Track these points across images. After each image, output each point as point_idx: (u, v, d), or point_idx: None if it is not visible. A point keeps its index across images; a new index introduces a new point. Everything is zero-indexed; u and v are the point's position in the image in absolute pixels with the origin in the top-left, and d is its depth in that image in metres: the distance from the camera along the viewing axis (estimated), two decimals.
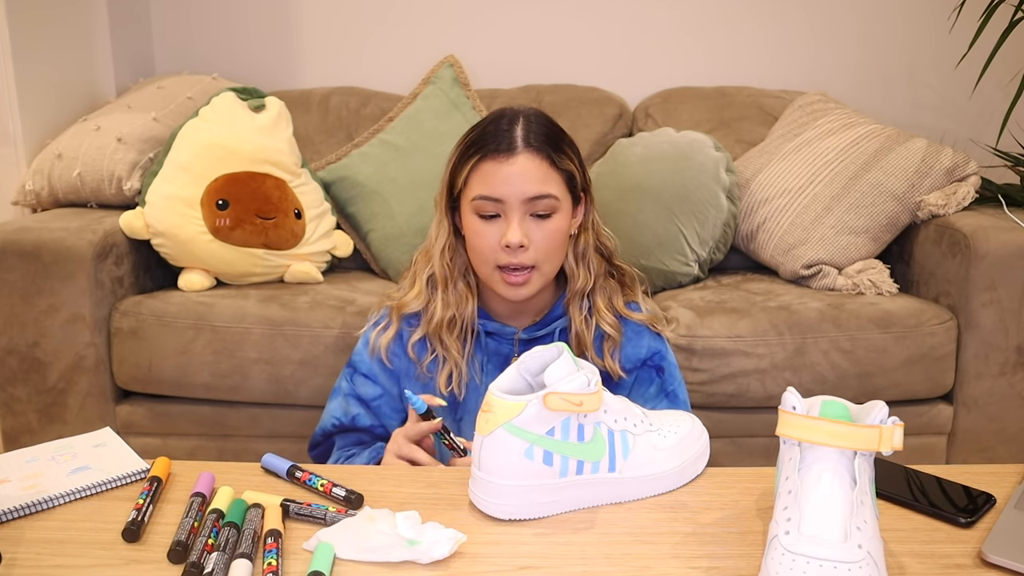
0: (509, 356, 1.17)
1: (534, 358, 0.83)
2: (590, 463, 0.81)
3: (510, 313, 1.17)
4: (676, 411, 0.94)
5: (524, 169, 1.06)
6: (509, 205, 1.07)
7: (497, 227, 1.08)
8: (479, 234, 1.09)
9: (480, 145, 1.09)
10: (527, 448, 0.78)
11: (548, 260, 1.10)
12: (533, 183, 1.06)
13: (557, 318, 1.17)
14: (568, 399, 0.76)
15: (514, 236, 1.05)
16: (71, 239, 1.62)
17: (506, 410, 0.77)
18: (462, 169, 1.10)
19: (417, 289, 1.16)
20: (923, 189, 1.87)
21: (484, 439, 0.79)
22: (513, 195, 1.06)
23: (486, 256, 1.09)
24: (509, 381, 0.82)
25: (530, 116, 1.11)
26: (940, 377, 1.68)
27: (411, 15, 2.38)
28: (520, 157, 1.06)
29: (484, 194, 1.07)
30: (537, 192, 1.06)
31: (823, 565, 0.66)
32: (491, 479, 0.79)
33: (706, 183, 1.91)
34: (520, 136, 1.07)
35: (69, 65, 2.07)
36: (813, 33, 2.39)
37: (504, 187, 1.06)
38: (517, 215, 1.06)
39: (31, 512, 0.81)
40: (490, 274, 1.10)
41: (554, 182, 1.08)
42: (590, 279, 1.15)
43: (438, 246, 1.15)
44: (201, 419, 1.69)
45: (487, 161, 1.07)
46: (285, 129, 1.89)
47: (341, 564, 0.73)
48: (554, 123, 1.13)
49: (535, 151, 1.07)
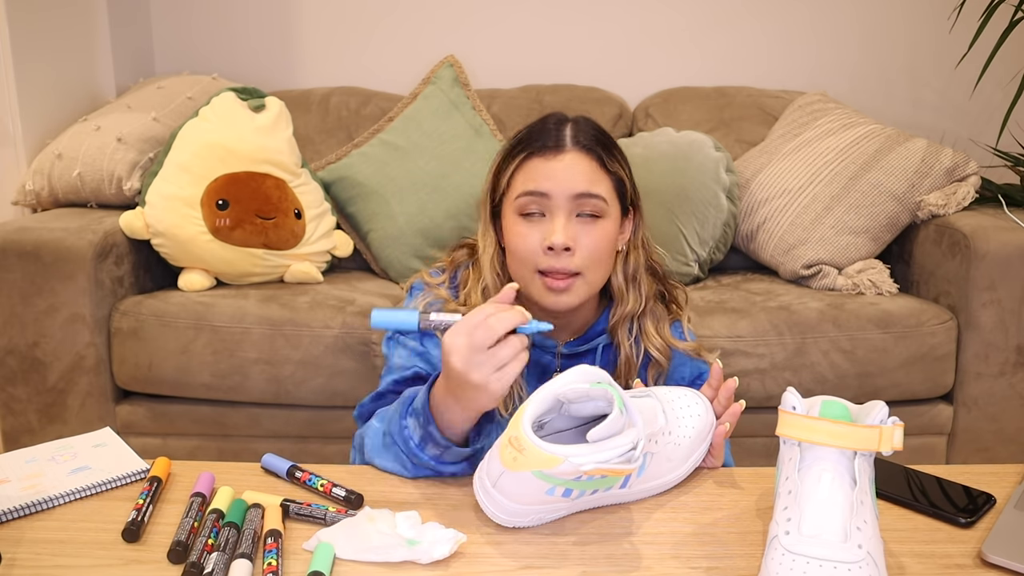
0: (549, 367, 1.11)
1: (576, 391, 0.78)
2: (604, 488, 0.80)
3: None
4: (689, 395, 0.92)
5: (572, 164, 1.00)
6: (555, 202, 0.99)
7: (540, 228, 1.00)
8: (520, 235, 1.01)
9: (527, 143, 1.03)
10: (551, 488, 0.76)
11: (594, 268, 1.01)
12: (581, 180, 1.00)
13: (600, 333, 1.10)
14: (608, 472, 0.73)
15: (559, 236, 0.97)
16: (71, 239, 1.62)
17: (539, 459, 0.73)
18: (506, 169, 1.04)
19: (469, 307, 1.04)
20: (923, 189, 1.87)
21: (507, 471, 0.76)
22: (559, 191, 0.99)
23: (526, 259, 1.01)
24: (542, 404, 0.78)
25: (579, 119, 1.06)
26: (940, 377, 1.68)
27: (411, 15, 2.38)
28: (569, 154, 1.01)
29: (528, 189, 1.00)
30: (585, 189, 0.99)
31: (823, 565, 0.66)
32: (506, 503, 0.78)
33: (706, 183, 1.91)
34: (569, 135, 1.02)
35: (69, 65, 2.07)
36: (813, 33, 2.39)
37: (550, 182, 0.99)
38: (563, 214, 0.99)
39: (31, 512, 0.81)
40: (530, 280, 1.02)
41: (603, 184, 1.01)
42: (640, 302, 1.08)
43: (486, 257, 1.07)
44: (201, 419, 1.69)
45: (534, 158, 1.01)
46: (285, 129, 1.89)
47: (341, 564, 0.73)
48: (604, 129, 1.08)
49: (585, 149, 1.01)
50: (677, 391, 0.93)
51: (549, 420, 0.83)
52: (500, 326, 0.79)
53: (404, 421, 0.87)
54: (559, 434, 0.85)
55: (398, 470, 0.90)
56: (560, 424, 0.85)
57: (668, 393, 0.92)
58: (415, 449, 0.86)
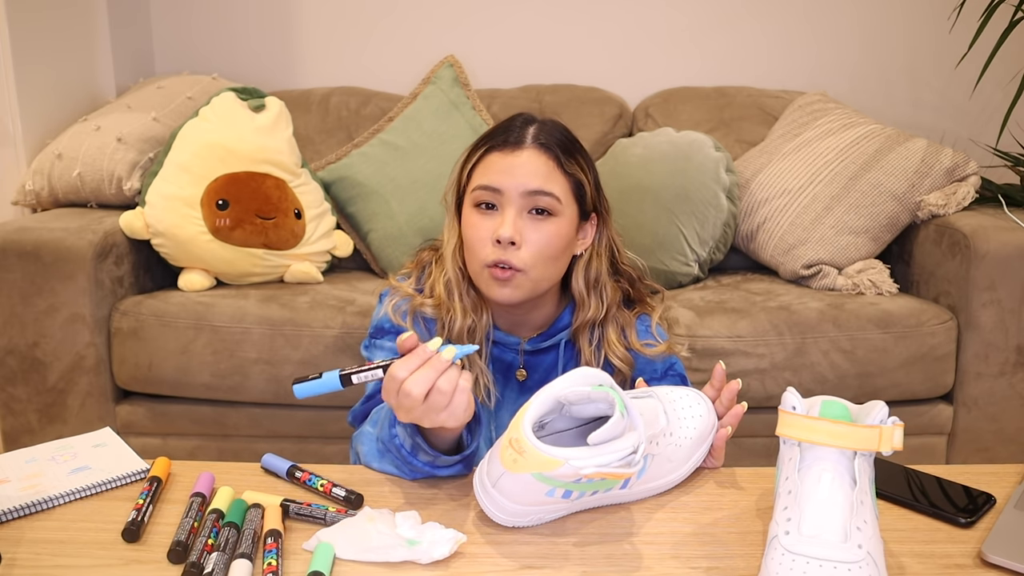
0: (512, 364, 1.13)
1: (578, 394, 0.78)
2: (603, 489, 0.80)
3: (511, 325, 1.13)
4: (691, 396, 0.93)
5: (528, 161, 1.02)
6: (507, 197, 1.02)
7: (492, 221, 1.02)
8: (474, 226, 1.04)
9: (490, 138, 1.06)
10: (551, 490, 0.76)
11: (540, 265, 1.03)
12: (535, 177, 1.02)
13: (562, 329, 1.12)
14: (608, 475, 0.73)
15: (506, 230, 1.00)
16: (71, 239, 1.62)
17: (540, 462, 0.73)
18: (468, 163, 1.08)
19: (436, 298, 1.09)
20: (923, 189, 1.87)
21: (507, 472, 0.76)
22: (512, 185, 1.01)
23: (477, 250, 1.03)
24: (543, 406, 0.77)
25: (548, 121, 1.08)
26: (940, 377, 1.68)
27: (411, 15, 2.38)
28: (526, 151, 1.03)
29: (483, 183, 1.03)
30: (538, 187, 1.01)
31: (823, 565, 0.66)
32: (506, 503, 0.78)
33: (706, 183, 1.91)
34: (531, 133, 1.04)
35: (69, 65, 2.07)
36: (813, 33, 2.39)
37: (503, 176, 1.02)
38: (514, 209, 1.01)
39: (31, 512, 0.81)
40: (479, 272, 1.04)
41: (558, 184, 1.03)
42: (601, 309, 1.09)
43: (448, 249, 1.10)
44: (201, 419, 1.69)
45: (493, 152, 1.04)
46: (285, 129, 1.89)
47: (341, 564, 0.73)
48: (571, 133, 1.09)
49: (542, 148, 1.03)
50: (679, 391, 0.93)
51: (550, 420, 0.83)
52: (417, 389, 0.77)
53: (393, 430, 0.88)
54: (559, 434, 0.85)
55: (395, 473, 0.91)
56: (560, 424, 0.85)
57: (670, 393, 0.92)
58: (407, 456, 0.87)
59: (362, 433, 0.99)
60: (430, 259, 1.15)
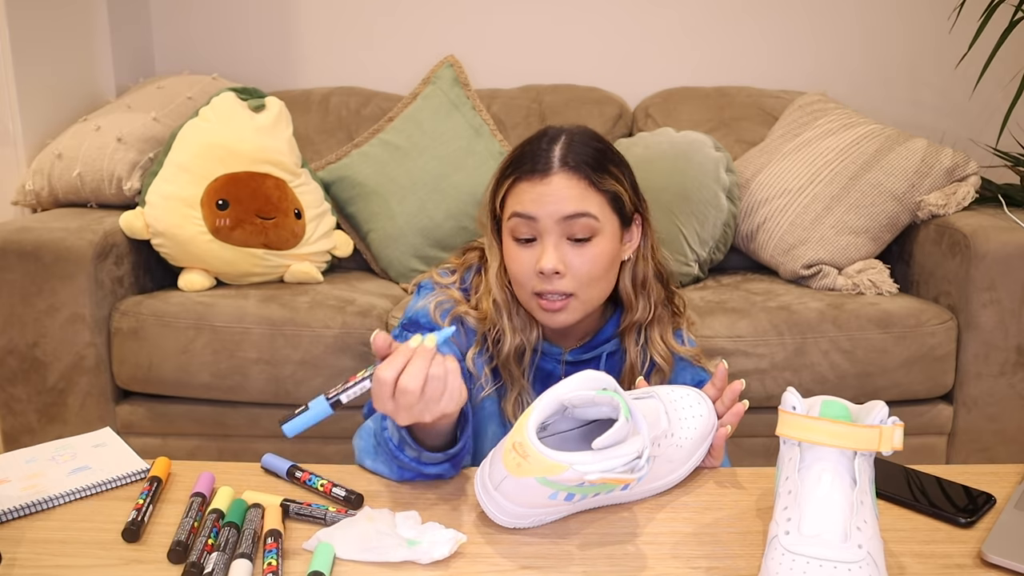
0: (553, 373, 1.10)
1: (582, 398, 0.78)
2: (605, 491, 0.80)
3: (554, 335, 1.10)
4: (692, 396, 0.92)
5: (559, 188, 0.98)
6: (543, 225, 0.98)
7: (532, 251, 0.99)
8: (514, 259, 1.01)
9: (517, 165, 1.02)
10: (553, 493, 0.75)
11: (588, 287, 1.01)
12: (569, 202, 0.98)
13: (605, 341, 1.10)
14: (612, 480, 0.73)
15: (548, 261, 0.97)
16: (71, 239, 1.62)
17: (544, 466, 0.73)
18: (499, 190, 1.04)
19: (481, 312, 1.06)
20: (923, 189, 1.87)
21: (510, 475, 0.76)
22: (546, 214, 0.98)
23: (522, 282, 1.01)
24: (546, 409, 0.77)
25: (573, 135, 1.03)
26: (940, 377, 1.68)
27: (411, 15, 2.38)
28: (555, 177, 0.98)
29: (517, 212, 1.00)
30: (573, 211, 0.98)
31: (823, 565, 0.66)
32: (508, 505, 0.77)
33: (706, 183, 1.91)
34: (557, 156, 1.00)
35: (69, 65, 2.07)
36: (813, 33, 2.39)
37: (536, 205, 0.98)
38: (552, 238, 0.98)
39: (31, 512, 0.81)
40: (528, 300, 1.02)
41: (594, 202, 0.99)
42: (649, 310, 1.07)
43: (492, 272, 1.06)
44: (201, 419, 1.69)
45: (522, 181, 1.00)
46: (285, 129, 1.89)
47: (341, 564, 0.73)
48: (600, 142, 1.04)
49: (571, 171, 0.99)
50: (680, 391, 0.93)
51: (552, 421, 0.83)
52: (413, 383, 0.77)
53: (384, 422, 0.87)
54: (561, 435, 0.85)
55: (385, 473, 0.90)
56: (563, 425, 0.85)
57: (671, 393, 0.91)
58: (395, 450, 0.86)
59: (362, 428, 0.97)
60: (475, 263, 1.12)
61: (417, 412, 0.79)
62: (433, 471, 0.87)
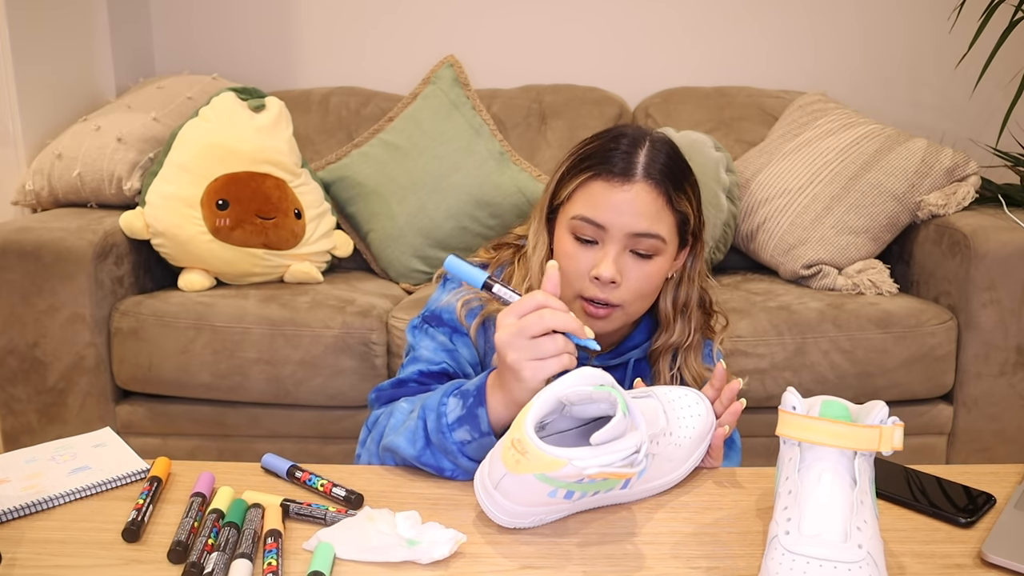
0: None
1: (579, 394, 0.78)
2: (605, 490, 0.80)
3: None
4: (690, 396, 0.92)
5: (637, 199, 0.94)
6: (610, 235, 0.95)
7: (591, 254, 0.96)
8: (570, 256, 0.97)
9: (596, 161, 0.97)
10: (553, 490, 0.75)
11: (636, 302, 0.99)
12: (643, 219, 0.95)
13: (632, 348, 1.08)
14: (611, 475, 0.72)
15: (607, 270, 0.94)
16: (71, 239, 1.62)
17: (542, 462, 0.73)
18: (569, 182, 0.99)
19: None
20: (923, 189, 1.87)
21: (510, 473, 0.76)
22: (618, 225, 0.94)
23: (571, 281, 0.98)
24: (544, 406, 0.77)
25: (656, 142, 0.98)
26: (940, 377, 1.68)
27: (411, 15, 2.38)
28: (637, 186, 0.94)
29: (586, 215, 0.96)
30: (645, 229, 0.95)
31: (823, 565, 0.66)
32: (508, 504, 0.77)
33: (706, 183, 1.90)
34: (642, 163, 0.95)
35: (69, 65, 2.07)
36: (813, 33, 2.39)
37: (611, 214, 0.94)
38: (615, 248, 0.95)
39: (31, 512, 0.81)
40: (570, 300, 0.98)
41: (666, 223, 0.96)
42: (687, 335, 1.05)
43: (536, 258, 1.03)
44: (201, 419, 1.69)
45: (599, 180, 0.96)
46: (285, 129, 1.89)
47: (341, 564, 0.73)
48: (680, 155, 1.00)
49: (654, 184, 0.95)
50: (678, 391, 0.93)
51: (551, 420, 0.83)
52: (552, 321, 0.80)
53: (445, 399, 0.87)
54: (561, 434, 0.85)
55: (406, 448, 0.88)
56: (562, 424, 0.85)
57: (669, 393, 0.92)
58: (444, 428, 0.85)
59: (396, 406, 0.95)
60: (508, 260, 1.09)
61: (514, 346, 0.81)
62: (465, 463, 0.86)
